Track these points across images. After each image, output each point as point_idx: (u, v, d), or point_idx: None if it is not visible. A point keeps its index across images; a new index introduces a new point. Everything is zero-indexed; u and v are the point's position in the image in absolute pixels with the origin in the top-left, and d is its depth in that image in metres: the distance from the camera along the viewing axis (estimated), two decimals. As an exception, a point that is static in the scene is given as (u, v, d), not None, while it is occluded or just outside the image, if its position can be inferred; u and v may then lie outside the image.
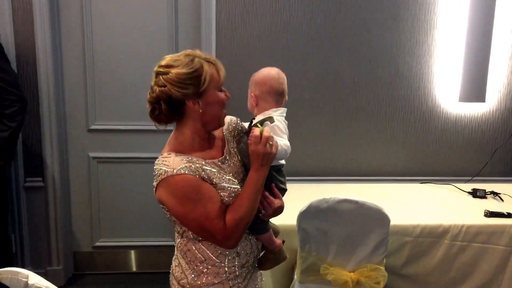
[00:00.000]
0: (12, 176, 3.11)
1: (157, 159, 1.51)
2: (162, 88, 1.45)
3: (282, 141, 1.57)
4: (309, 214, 2.19)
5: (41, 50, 3.00)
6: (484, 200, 2.88)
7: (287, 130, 1.66)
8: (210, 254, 1.55)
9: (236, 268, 1.59)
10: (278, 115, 1.64)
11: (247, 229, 1.54)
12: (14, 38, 2.99)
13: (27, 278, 1.48)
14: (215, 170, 1.52)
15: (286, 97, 1.71)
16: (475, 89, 3.17)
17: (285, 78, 1.70)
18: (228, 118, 1.72)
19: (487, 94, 3.20)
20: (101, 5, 3.10)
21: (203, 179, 1.48)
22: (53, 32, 3.04)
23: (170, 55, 1.51)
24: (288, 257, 1.80)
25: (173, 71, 1.44)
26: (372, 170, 3.31)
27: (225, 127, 1.68)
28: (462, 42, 3.14)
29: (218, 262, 1.56)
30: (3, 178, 2.87)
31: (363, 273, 2.24)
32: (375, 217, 2.18)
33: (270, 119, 1.60)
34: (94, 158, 3.29)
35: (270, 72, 1.69)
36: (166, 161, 1.47)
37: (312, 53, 3.13)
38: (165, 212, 1.54)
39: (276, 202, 1.58)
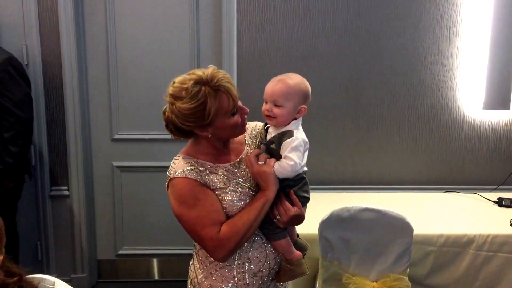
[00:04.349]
0: (38, 185, 3.18)
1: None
2: (170, 115, 1.48)
3: (293, 157, 1.47)
4: (331, 223, 2.18)
5: (66, 62, 3.06)
6: (510, 209, 2.83)
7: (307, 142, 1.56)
8: None
9: (247, 275, 1.55)
10: (299, 125, 1.56)
11: (248, 236, 1.49)
12: (41, 50, 3.06)
13: (53, 285, 1.49)
14: (221, 175, 1.52)
15: None
16: (499, 96, 3.12)
17: None
18: (254, 124, 1.71)
19: (512, 101, 3.15)
20: (125, 17, 3.15)
21: (206, 184, 1.49)
22: (78, 44, 3.11)
23: (180, 77, 1.48)
24: (310, 266, 1.77)
25: (178, 104, 1.43)
26: (394, 178, 3.28)
27: (248, 131, 1.67)
28: (486, 49, 3.09)
29: (226, 264, 1.54)
30: (13, 198, 2.89)
31: (386, 283, 2.21)
32: (398, 226, 2.16)
33: (289, 133, 1.52)
34: (117, 167, 3.33)
35: (304, 80, 1.58)
36: (174, 163, 1.54)
37: (333, 61, 3.13)
38: None
39: (294, 210, 1.51)
